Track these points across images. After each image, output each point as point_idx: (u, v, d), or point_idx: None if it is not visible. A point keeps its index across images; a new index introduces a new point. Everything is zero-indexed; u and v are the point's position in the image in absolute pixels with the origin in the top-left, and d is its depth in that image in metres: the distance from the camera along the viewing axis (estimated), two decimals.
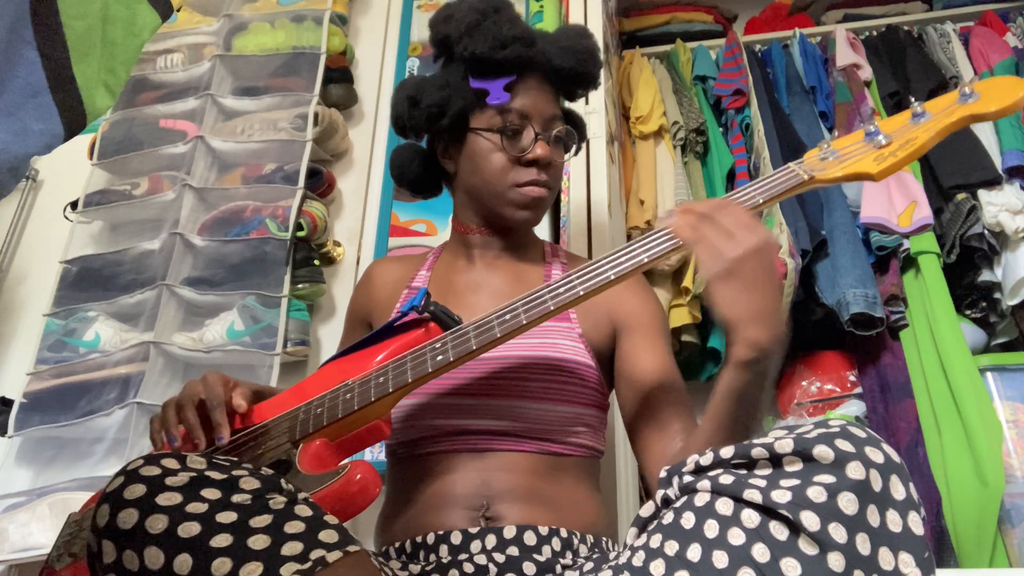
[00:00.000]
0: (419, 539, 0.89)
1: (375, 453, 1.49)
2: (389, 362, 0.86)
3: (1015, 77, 0.81)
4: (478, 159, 1.05)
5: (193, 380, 0.92)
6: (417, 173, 1.16)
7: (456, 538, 0.87)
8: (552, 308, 0.81)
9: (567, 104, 1.18)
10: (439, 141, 1.11)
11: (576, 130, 1.16)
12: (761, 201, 0.81)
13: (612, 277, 0.81)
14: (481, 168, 1.05)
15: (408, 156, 1.16)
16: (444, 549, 0.87)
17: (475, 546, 0.86)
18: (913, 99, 0.83)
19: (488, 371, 0.96)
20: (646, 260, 0.81)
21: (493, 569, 0.83)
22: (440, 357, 0.83)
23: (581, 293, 0.81)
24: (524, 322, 0.81)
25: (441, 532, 0.88)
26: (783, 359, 0.81)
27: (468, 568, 0.83)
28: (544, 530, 0.88)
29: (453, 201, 1.14)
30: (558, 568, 0.85)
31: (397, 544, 0.92)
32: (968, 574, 1.40)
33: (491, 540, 0.86)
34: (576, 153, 1.19)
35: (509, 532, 0.87)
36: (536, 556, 0.85)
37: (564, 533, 0.89)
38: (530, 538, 0.87)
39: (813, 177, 0.81)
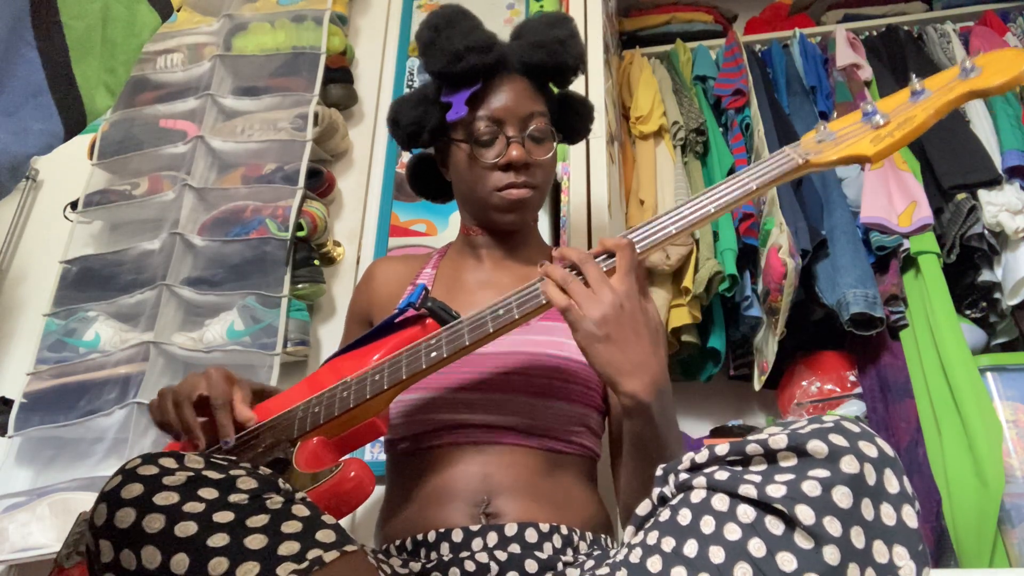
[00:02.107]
0: (420, 537, 0.89)
1: (375, 454, 1.49)
2: (386, 359, 0.87)
3: (1016, 49, 0.78)
4: (460, 169, 1.07)
5: (195, 373, 0.92)
6: (425, 181, 1.21)
7: (457, 536, 0.87)
8: (544, 302, 0.81)
9: (570, 89, 1.17)
10: (435, 151, 1.14)
11: (578, 114, 1.16)
12: (755, 187, 0.80)
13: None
14: (463, 177, 1.07)
15: (415, 165, 1.21)
16: (445, 547, 0.87)
17: (476, 544, 0.86)
18: (914, 76, 0.80)
19: (492, 367, 0.96)
20: (637, 250, 0.81)
21: (494, 567, 0.83)
22: (434, 354, 0.83)
23: None
24: (516, 316, 0.81)
25: (442, 530, 0.88)
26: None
27: (469, 566, 0.84)
28: (545, 527, 0.88)
29: (458, 205, 1.16)
30: (559, 565, 0.85)
31: (398, 542, 0.92)
32: (968, 574, 1.39)
33: (492, 538, 0.86)
34: (585, 135, 1.19)
35: (510, 529, 0.87)
36: (538, 553, 0.86)
37: (564, 530, 0.89)
38: (531, 535, 0.87)
39: (808, 161, 0.79)
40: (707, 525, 0.63)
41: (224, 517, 0.60)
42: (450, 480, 0.92)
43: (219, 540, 0.58)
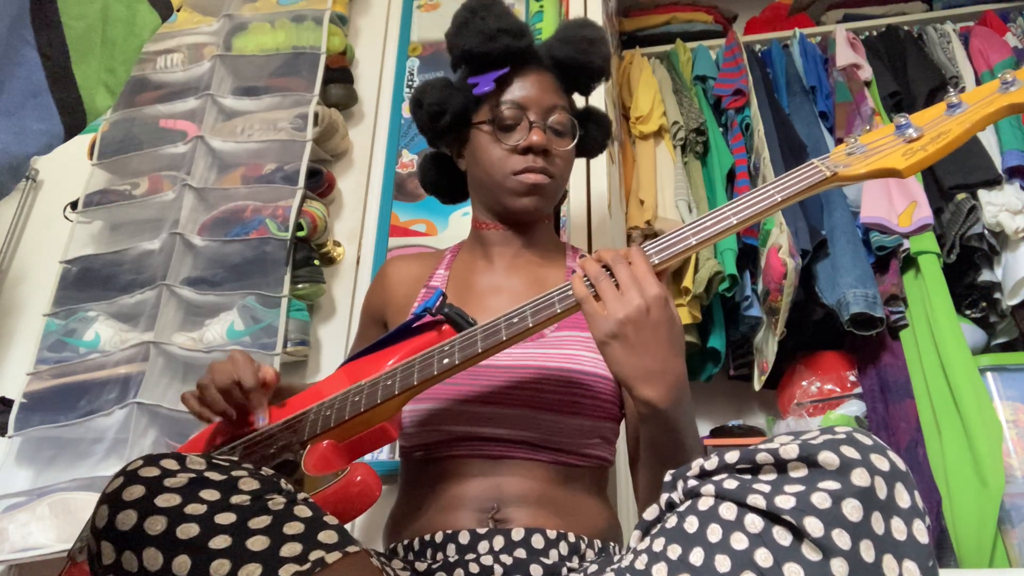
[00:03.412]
0: (428, 537, 0.90)
1: (375, 454, 1.49)
2: (399, 364, 0.86)
3: None
4: (479, 152, 1.07)
5: (220, 362, 0.93)
6: (436, 177, 1.21)
7: (464, 538, 0.87)
8: (559, 311, 0.79)
9: (589, 101, 1.18)
10: (452, 143, 1.14)
11: (599, 127, 1.18)
12: (780, 199, 0.78)
13: None
14: (481, 161, 1.07)
15: (427, 163, 1.21)
16: (452, 548, 0.87)
17: (483, 547, 0.86)
18: (951, 89, 0.78)
19: (506, 380, 0.96)
20: (656, 261, 0.80)
21: (499, 570, 0.83)
22: (446, 360, 0.82)
23: None
24: (531, 325, 0.80)
25: (450, 531, 0.88)
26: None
27: (474, 568, 0.84)
28: (552, 534, 0.88)
29: (471, 200, 1.16)
30: (564, 571, 0.85)
31: (406, 541, 0.92)
32: (968, 574, 1.39)
33: (499, 541, 0.86)
34: (600, 151, 1.21)
35: (517, 534, 0.87)
36: (543, 559, 0.85)
37: (572, 538, 0.89)
38: (538, 541, 0.87)
39: (836, 174, 0.77)
40: (714, 533, 0.62)
41: (226, 518, 0.60)
42: (462, 488, 0.92)
43: (221, 542, 0.58)
